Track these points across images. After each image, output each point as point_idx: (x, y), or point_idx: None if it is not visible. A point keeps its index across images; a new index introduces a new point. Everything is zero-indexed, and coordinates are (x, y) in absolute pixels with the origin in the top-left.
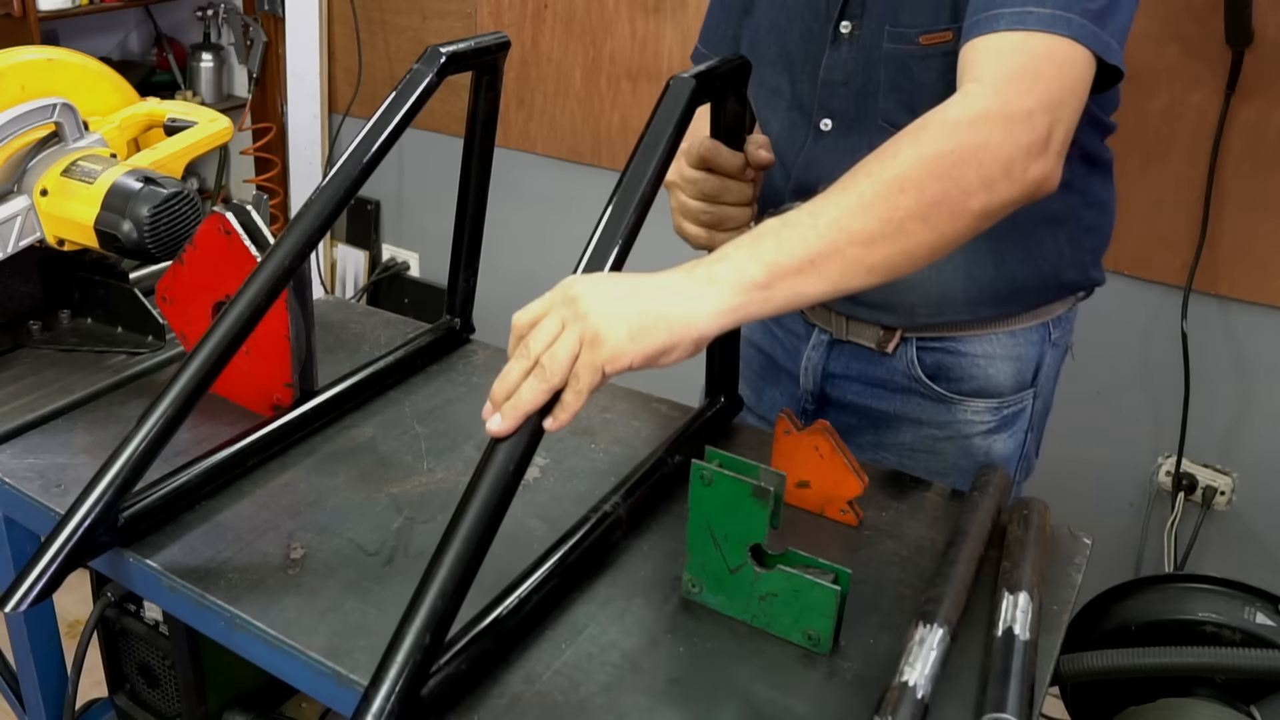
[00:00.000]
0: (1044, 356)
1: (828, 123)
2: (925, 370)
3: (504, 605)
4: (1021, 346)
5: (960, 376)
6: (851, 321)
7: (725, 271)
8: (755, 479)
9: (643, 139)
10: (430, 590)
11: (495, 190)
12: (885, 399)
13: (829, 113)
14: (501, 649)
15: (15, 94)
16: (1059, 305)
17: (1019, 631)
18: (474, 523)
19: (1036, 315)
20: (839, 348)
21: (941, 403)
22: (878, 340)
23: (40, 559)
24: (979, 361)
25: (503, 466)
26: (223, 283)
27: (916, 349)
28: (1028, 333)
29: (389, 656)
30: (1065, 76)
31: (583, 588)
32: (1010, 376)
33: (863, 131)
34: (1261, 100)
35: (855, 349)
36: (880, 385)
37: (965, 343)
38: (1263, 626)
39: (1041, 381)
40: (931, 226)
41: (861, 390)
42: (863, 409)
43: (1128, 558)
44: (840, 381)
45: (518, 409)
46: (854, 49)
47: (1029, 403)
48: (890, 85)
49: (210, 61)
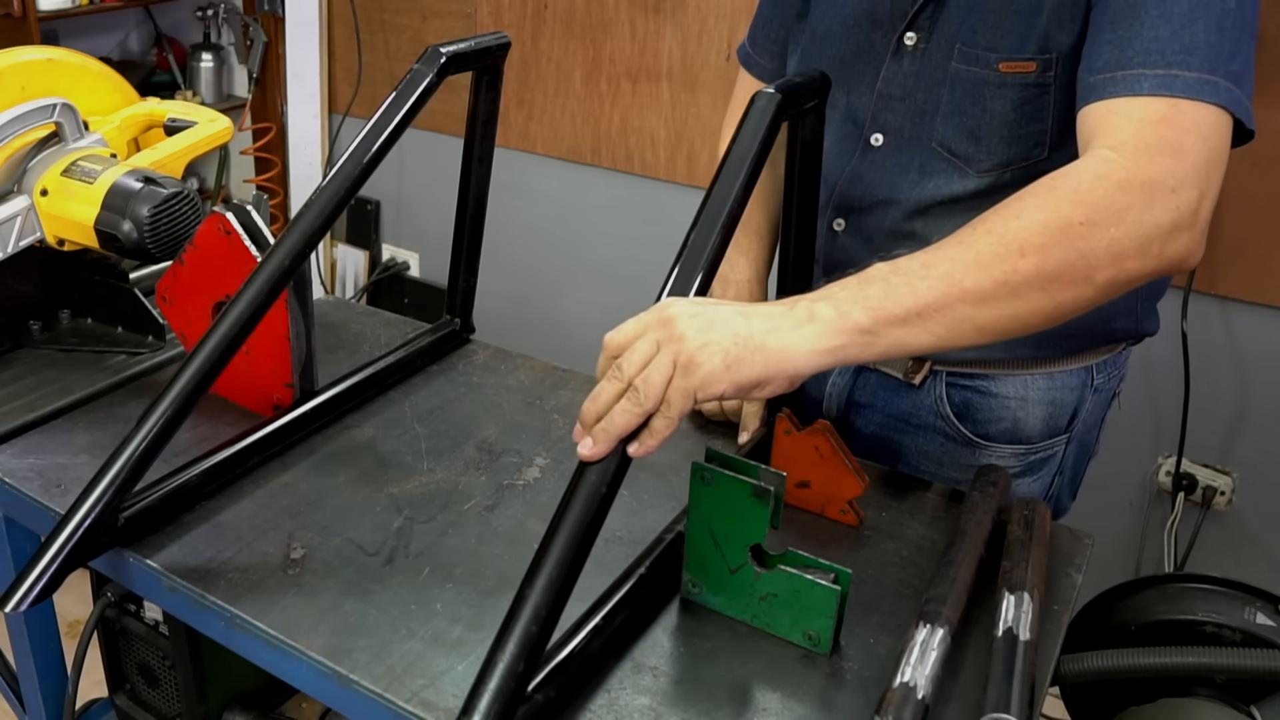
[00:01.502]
0: (1083, 402)
1: (879, 138)
2: (953, 408)
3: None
4: (1058, 391)
5: (988, 419)
6: None
7: (828, 311)
8: (755, 479)
9: (727, 156)
10: (523, 615)
11: (495, 190)
12: (908, 435)
13: (881, 128)
14: (587, 674)
15: (15, 94)
16: (1104, 350)
17: (1019, 631)
18: (566, 546)
19: (1079, 359)
20: (865, 376)
21: (966, 445)
22: (905, 370)
23: (40, 559)
24: (1009, 404)
25: (594, 488)
26: (223, 283)
27: (946, 384)
28: (1067, 376)
29: (481, 683)
30: (1211, 147)
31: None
32: (1041, 421)
33: (915, 151)
34: (1261, 100)
35: (882, 378)
36: (904, 420)
37: (998, 382)
38: (1263, 626)
39: (1078, 427)
40: (1050, 296)
41: (885, 422)
42: (884, 440)
43: (1128, 558)
44: (864, 411)
45: (610, 433)
46: (915, 63)
47: (1061, 449)
48: (954, 108)
49: (210, 61)
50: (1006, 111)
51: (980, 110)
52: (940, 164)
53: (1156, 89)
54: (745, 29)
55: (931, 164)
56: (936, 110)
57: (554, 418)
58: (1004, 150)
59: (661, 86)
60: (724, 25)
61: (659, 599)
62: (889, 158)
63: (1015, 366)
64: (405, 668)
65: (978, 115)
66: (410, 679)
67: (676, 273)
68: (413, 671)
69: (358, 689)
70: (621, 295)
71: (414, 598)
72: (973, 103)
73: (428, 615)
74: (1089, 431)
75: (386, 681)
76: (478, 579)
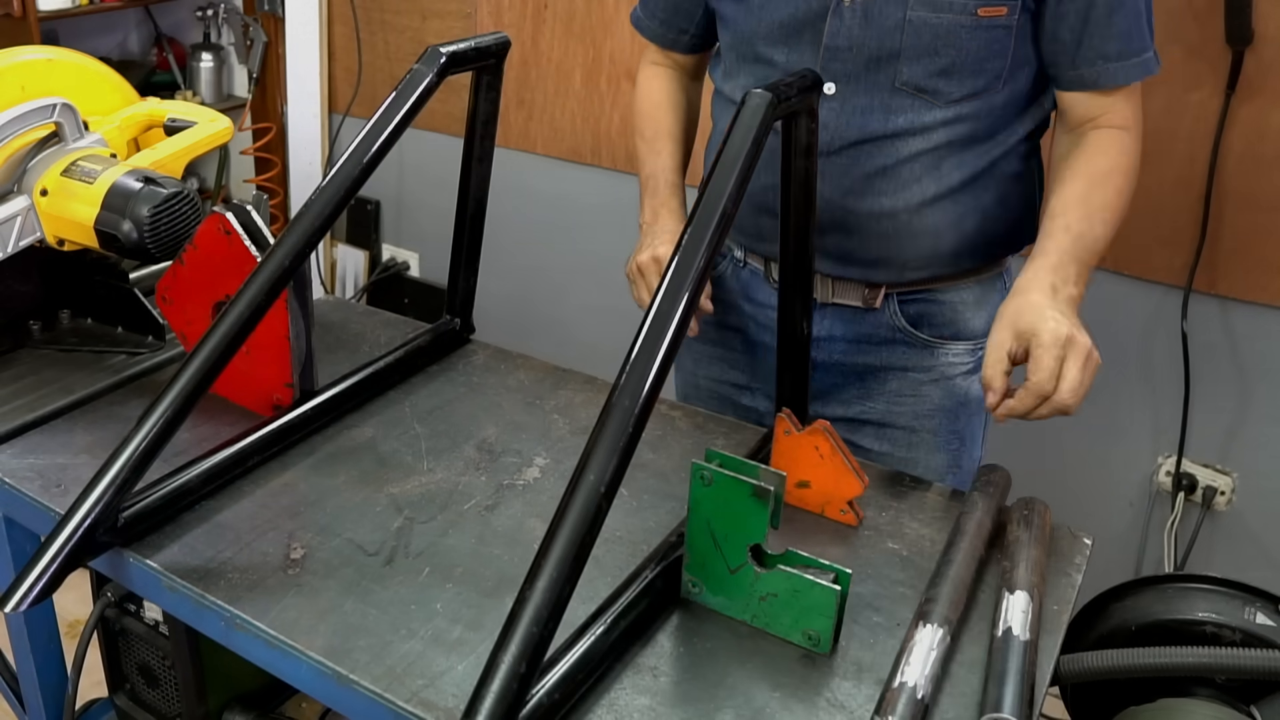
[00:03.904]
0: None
1: (831, 87)
2: (908, 320)
3: (592, 631)
4: (987, 293)
5: (940, 322)
6: (837, 282)
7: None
8: (755, 479)
9: (719, 156)
10: (524, 617)
11: (495, 190)
12: (870, 352)
13: (832, 77)
14: (589, 676)
15: (15, 94)
16: (1010, 259)
17: (1019, 631)
18: (566, 546)
19: (995, 267)
20: (821, 311)
21: (925, 348)
22: (863, 298)
23: (40, 559)
24: (956, 307)
25: (594, 489)
26: (223, 283)
27: (899, 303)
28: (990, 281)
29: (484, 685)
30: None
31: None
32: (983, 320)
33: (874, 92)
34: (1261, 100)
35: (838, 310)
36: (864, 340)
37: (941, 293)
38: (1263, 626)
39: None
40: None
41: (846, 348)
42: (848, 366)
43: (1128, 558)
44: (824, 344)
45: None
46: (856, 16)
47: None
48: (922, 51)
49: (210, 61)
50: (978, 49)
51: (955, 50)
52: (905, 100)
53: (1141, 74)
54: None
55: (896, 101)
56: (897, 55)
57: (554, 418)
58: (970, 83)
59: None
60: None
61: (663, 603)
62: (845, 103)
63: (953, 279)
64: (405, 668)
65: (951, 55)
66: (410, 679)
67: (672, 272)
68: (413, 671)
69: (358, 689)
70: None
71: (414, 598)
72: (946, 44)
73: (428, 615)
74: None
75: (386, 681)
76: (478, 579)
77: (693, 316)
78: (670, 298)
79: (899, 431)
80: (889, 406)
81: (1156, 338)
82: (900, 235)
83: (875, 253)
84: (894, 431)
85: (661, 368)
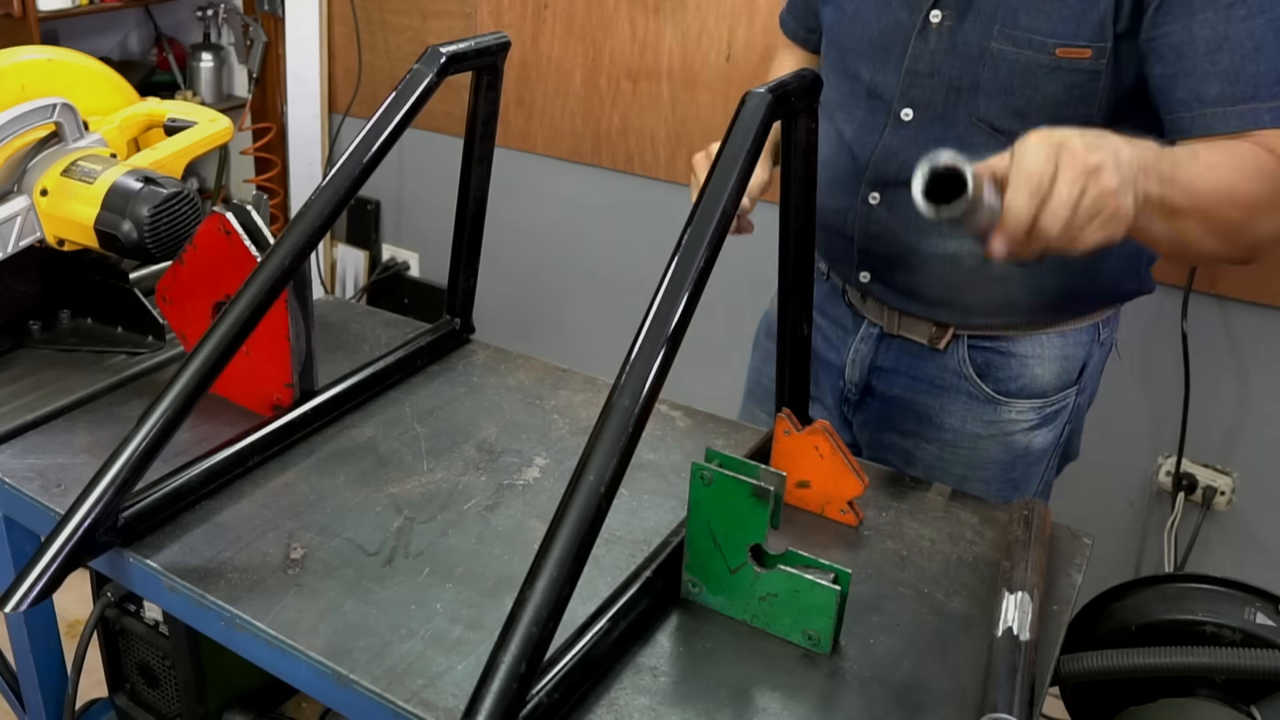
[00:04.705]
0: (1091, 356)
1: (909, 113)
2: (975, 369)
3: (592, 631)
4: (1070, 347)
5: (1008, 376)
6: (904, 317)
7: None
8: (755, 479)
9: (720, 156)
10: (524, 617)
11: (495, 190)
12: (931, 394)
13: (910, 103)
14: (589, 676)
15: (15, 94)
16: (1110, 309)
17: (1019, 631)
18: (566, 546)
19: (1088, 318)
20: (888, 342)
21: (988, 402)
22: (930, 337)
23: (40, 559)
24: (1028, 361)
25: (594, 488)
26: (223, 283)
27: (968, 347)
28: (1077, 334)
29: (484, 685)
30: None
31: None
32: (1056, 376)
33: (949, 125)
34: None
35: (905, 344)
36: (927, 381)
37: (1016, 343)
38: (1263, 626)
39: (1086, 379)
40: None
41: (908, 384)
42: (908, 402)
43: (1128, 558)
44: (887, 375)
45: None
46: (943, 40)
47: (1072, 400)
48: (999, 87)
49: (210, 61)
50: (1058, 93)
51: (1031, 90)
52: (979, 138)
53: (1245, 124)
54: (745, 29)
55: (969, 137)
56: (976, 88)
57: (554, 418)
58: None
59: (661, 86)
60: (724, 25)
61: (663, 603)
62: (920, 132)
63: (1032, 328)
64: (405, 668)
65: (1028, 95)
66: (410, 679)
67: (673, 270)
68: (413, 671)
69: (358, 689)
70: (621, 295)
71: (414, 598)
72: (1022, 83)
73: (428, 615)
74: (1093, 381)
75: (386, 681)
76: (478, 579)
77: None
78: (670, 298)
79: (950, 478)
80: (942, 453)
81: (1156, 338)
82: (966, 279)
83: (939, 294)
84: (945, 477)
85: (661, 368)
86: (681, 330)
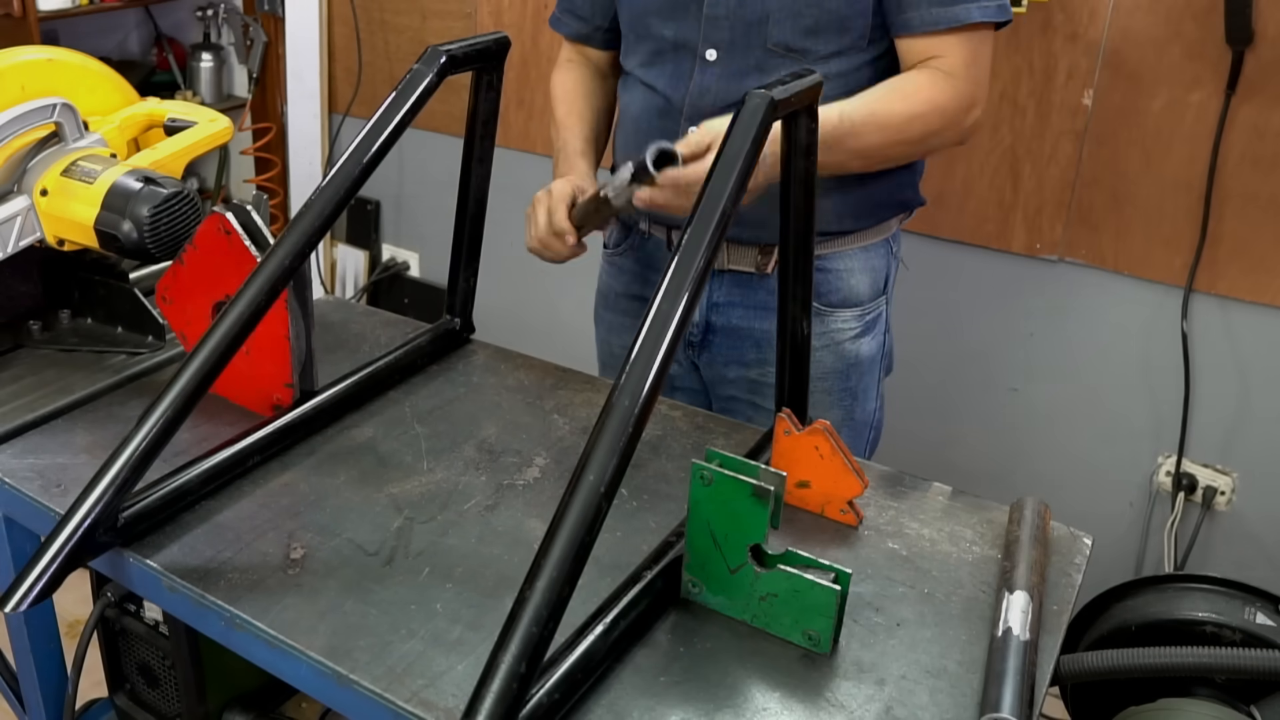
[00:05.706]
0: (890, 268)
1: (713, 53)
2: None
3: (592, 631)
4: (874, 259)
5: (829, 290)
6: (731, 247)
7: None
8: (755, 479)
9: (720, 156)
10: (524, 617)
11: (495, 190)
12: (766, 318)
13: (713, 44)
14: (589, 676)
15: (15, 94)
16: (894, 223)
17: (1018, 631)
18: (566, 546)
19: (880, 232)
20: (720, 278)
21: (816, 315)
22: (756, 264)
23: (40, 559)
24: (842, 274)
25: (594, 488)
26: (223, 283)
27: None
28: (876, 247)
29: (484, 685)
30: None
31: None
32: (869, 286)
33: (748, 53)
34: (1261, 100)
35: (735, 276)
36: (759, 307)
37: (830, 260)
38: (1263, 626)
39: (890, 290)
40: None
41: (744, 314)
42: (746, 331)
43: (1128, 558)
44: (725, 309)
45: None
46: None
47: (884, 308)
48: (789, 12)
49: (210, 61)
50: (840, 7)
51: (818, 9)
52: (777, 61)
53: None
54: None
55: (768, 63)
56: (767, 19)
57: (554, 418)
58: (836, 41)
59: None
60: None
61: (663, 603)
62: (725, 67)
63: (840, 242)
64: (405, 668)
65: (815, 14)
66: (410, 679)
67: (673, 270)
68: (413, 671)
69: (358, 689)
70: None
71: (414, 598)
72: (809, 4)
73: (428, 615)
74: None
75: (386, 681)
76: (478, 579)
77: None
78: (670, 298)
79: None
80: None
81: (1156, 338)
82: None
83: (757, 214)
84: None
85: (661, 368)
86: (681, 330)
